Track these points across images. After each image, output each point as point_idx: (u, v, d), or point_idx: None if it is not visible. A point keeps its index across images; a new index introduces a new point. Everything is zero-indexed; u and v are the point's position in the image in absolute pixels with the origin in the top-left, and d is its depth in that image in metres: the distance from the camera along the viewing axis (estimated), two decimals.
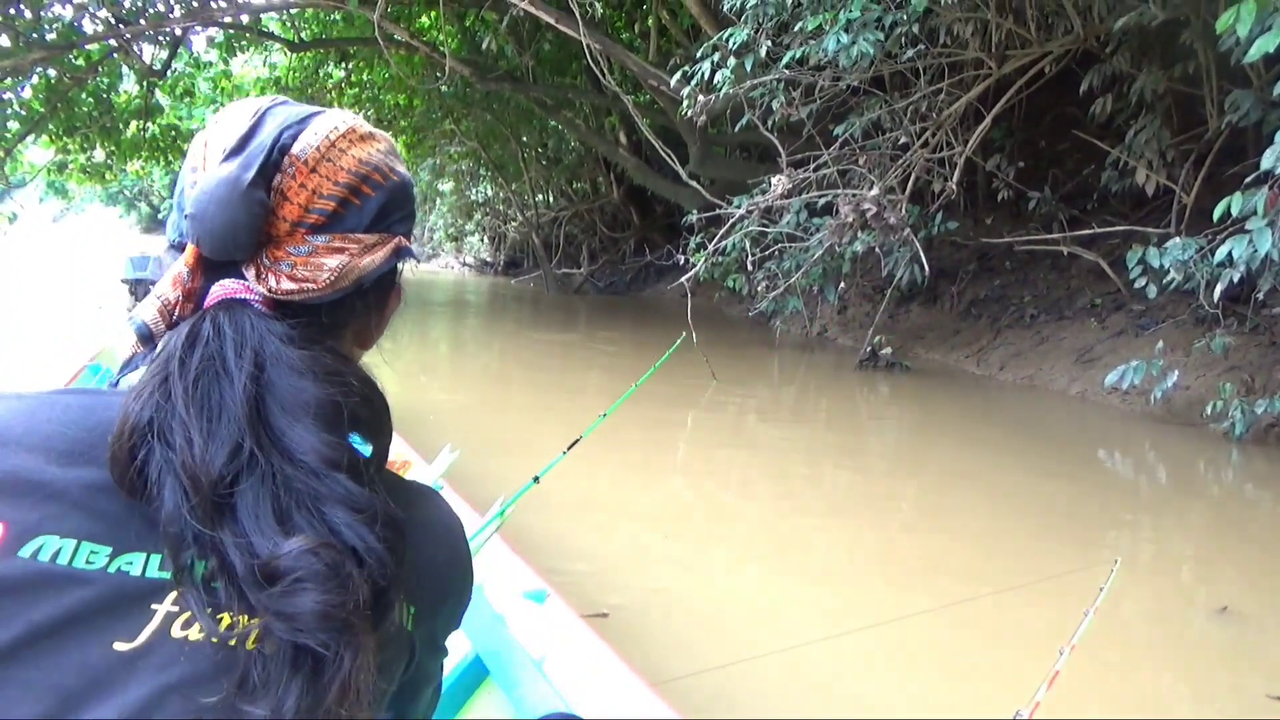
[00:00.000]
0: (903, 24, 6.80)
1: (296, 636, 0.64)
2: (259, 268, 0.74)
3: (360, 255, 0.77)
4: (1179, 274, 5.78)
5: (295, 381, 0.70)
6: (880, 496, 4.70)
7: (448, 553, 0.82)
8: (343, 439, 0.71)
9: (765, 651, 2.65)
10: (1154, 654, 2.94)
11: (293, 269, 0.74)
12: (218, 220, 0.71)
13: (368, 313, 0.84)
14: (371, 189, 0.79)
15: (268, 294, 0.74)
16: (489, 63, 13.21)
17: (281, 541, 0.65)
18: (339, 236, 0.76)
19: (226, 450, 0.67)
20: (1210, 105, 7.31)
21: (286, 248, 0.74)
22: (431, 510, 0.83)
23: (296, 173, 0.75)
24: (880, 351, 8.40)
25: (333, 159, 0.76)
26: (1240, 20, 4.52)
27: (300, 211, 0.75)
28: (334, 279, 0.75)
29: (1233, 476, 5.40)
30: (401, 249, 0.81)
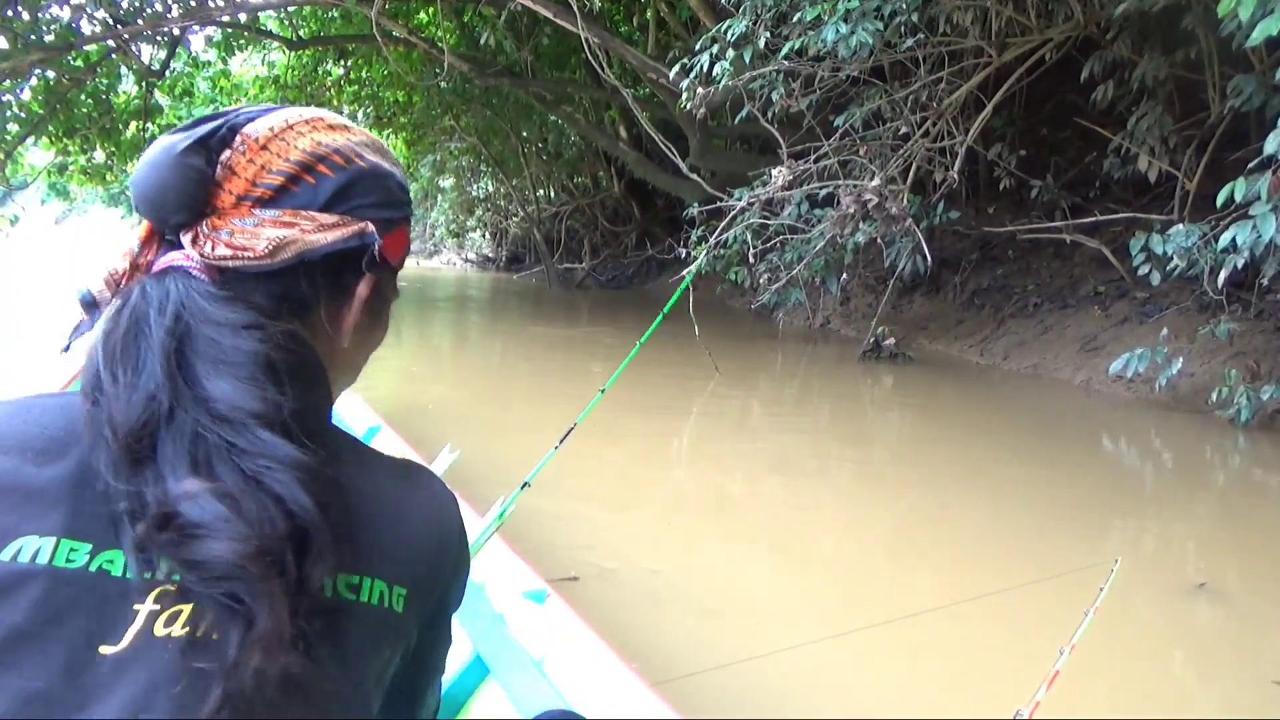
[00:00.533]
0: (902, 13, 6.76)
1: (205, 588, 0.62)
2: (197, 235, 0.73)
3: (311, 232, 0.75)
4: (1182, 260, 5.75)
5: (214, 334, 0.69)
6: (884, 489, 4.68)
7: (438, 530, 0.79)
8: (269, 393, 0.68)
9: (765, 651, 2.64)
10: (1157, 648, 2.93)
11: (230, 236, 0.73)
12: (148, 180, 0.73)
13: (321, 296, 0.80)
14: (329, 169, 0.78)
15: (202, 259, 0.73)
16: (488, 58, 13.19)
17: (193, 484, 0.63)
18: (289, 212, 0.75)
19: (142, 401, 0.66)
20: (1212, 90, 7.27)
21: (231, 219, 0.74)
22: (420, 487, 0.81)
23: (247, 149, 0.75)
24: (883, 342, 8.38)
25: (286, 139, 0.77)
26: (1242, 4, 4.49)
27: (247, 185, 0.75)
28: (272, 248, 0.73)
29: (1239, 463, 5.37)
30: (367, 234, 0.79)
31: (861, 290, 10.62)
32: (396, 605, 0.73)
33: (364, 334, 0.86)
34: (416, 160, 22.70)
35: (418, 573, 0.75)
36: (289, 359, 0.71)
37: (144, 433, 0.66)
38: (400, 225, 0.84)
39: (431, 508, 0.80)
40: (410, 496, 0.78)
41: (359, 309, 0.83)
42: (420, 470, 0.83)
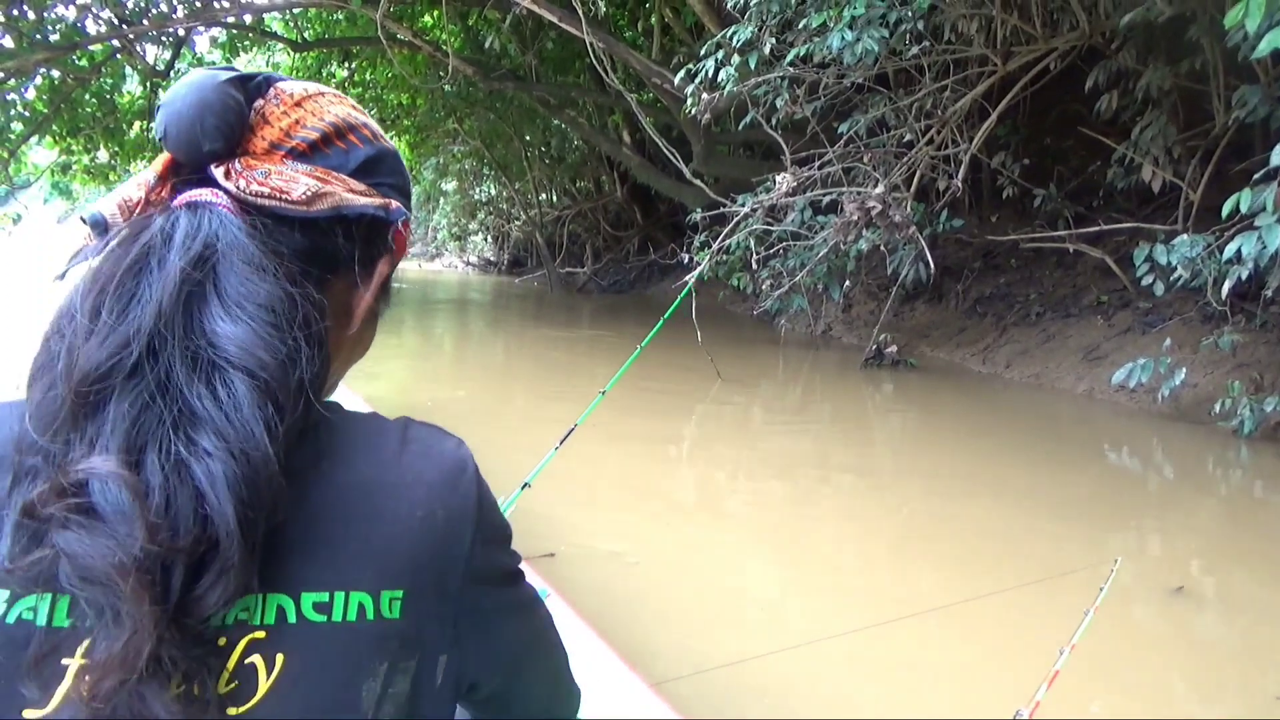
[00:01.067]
0: (907, 21, 6.76)
1: (73, 585, 0.54)
2: (229, 170, 0.68)
3: (345, 191, 0.71)
4: (1186, 271, 5.74)
5: (248, 273, 0.63)
6: (885, 495, 4.67)
7: (443, 501, 0.67)
8: (284, 349, 0.62)
9: (766, 651, 2.62)
10: (1156, 652, 2.91)
11: (266, 176, 0.68)
12: (188, 101, 0.68)
13: (346, 259, 0.74)
14: (359, 140, 0.75)
15: (237, 193, 0.67)
16: (492, 62, 13.21)
17: (110, 463, 0.55)
18: (320, 170, 0.71)
19: (115, 345, 0.59)
20: (1217, 101, 7.26)
21: (264, 163, 0.70)
22: (420, 455, 0.69)
23: (281, 101, 0.73)
24: (885, 350, 8.37)
25: (319, 103, 0.74)
26: (1249, 15, 4.48)
27: (281, 134, 0.71)
28: (310, 195, 0.68)
29: (1241, 475, 5.35)
30: (392, 209, 0.75)
31: (864, 297, 10.61)
32: (389, 612, 0.63)
33: (367, 326, 0.80)
34: (419, 163, 22.73)
35: (419, 563, 0.65)
36: (312, 321, 0.66)
37: (101, 383, 0.58)
38: (407, 219, 0.80)
39: (434, 476, 0.68)
40: (407, 472, 0.67)
41: (376, 289, 0.78)
42: (421, 435, 0.71)
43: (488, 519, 0.71)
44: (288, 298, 0.64)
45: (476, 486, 0.71)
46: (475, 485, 0.70)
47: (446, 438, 0.72)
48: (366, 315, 0.78)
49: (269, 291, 0.63)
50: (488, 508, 0.71)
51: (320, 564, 0.61)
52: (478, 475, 0.71)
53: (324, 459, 0.65)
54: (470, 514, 0.69)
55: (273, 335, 0.62)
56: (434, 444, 0.71)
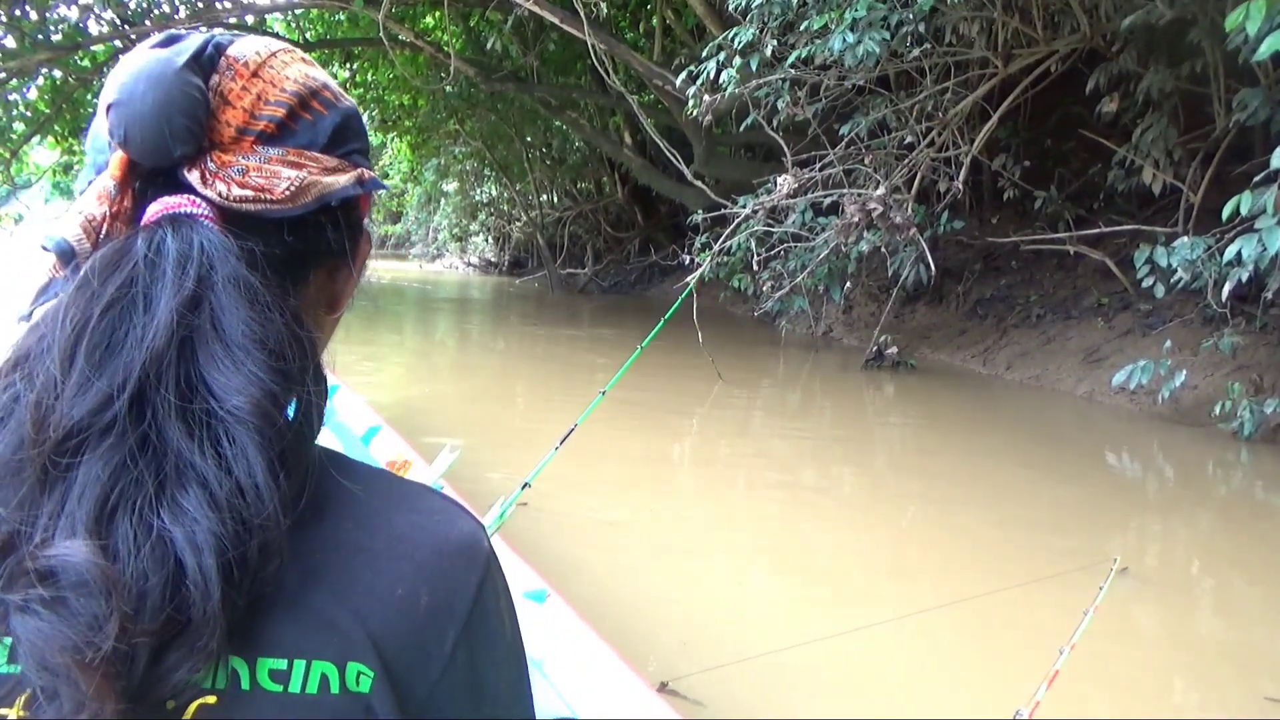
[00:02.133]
0: (909, 23, 6.77)
1: (30, 672, 0.48)
2: (204, 172, 0.60)
3: (322, 173, 0.64)
4: (1187, 273, 5.74)
5: (249, 313, 0.56)
6: (885, 496, 4.67)
7: (405, 590, 0.57)
8: (296, 395, 0.57)
9: (766, 651, 2.63)
10: (1159, 654, 2.91)
11: (244, 175, 0.61)
12: (149, 99, 0.58)
13: (338, 251, 0.68)
14: (323, 106, 0.67)
15: (219, 200, 0.60)
16: (494, 63, 13.23)
17: (78, 545, 0.49)
18: (293, 151, 0.63)
19: (92, 403, 0.52)
20: (1218, 104, 7.27)
21: (235, 155, 0.61)
22: (421, 517, 0.61)
23: (236, 74, 0.63)
24: (886, 351, 8.37)
25: (275, 68, 0.65)
26: (1250, 18, 4.49)
27: (246, 117, 0.63)
28: (294, 190, 0.61)
29: (1241, 476, 5.36)
30: (367, 181, 0.68)
31: (864, 299, 10.61)
32: (356, 685, 0.54)
33: (347, 303, 0.73)
34: (421, 164, 22.75)
35: (391, 647, 0.56)
36: (314, 354, 0.60)
37: (76, 441, 0.51)
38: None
39: (428, 554, 0.59)
40: (397, 542, 0.59)
41: (362, 267, 0.72)
42: (432, 505, 0.63)
43: (485, 624, 0.60)
44: (291, 334, 0.58)
45: (480, 581, 0.60)
46: (479, 579, 0.60)
47: (462, 516, 0.63)
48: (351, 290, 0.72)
49: (274, 331, 0.57)
50: (489, 612, 0.60)
51: (282, 627, 0.54)
52: (489, 568, 0.61)
53: (307, 511, 0.56)
54: (461, 610, 0.59)
55: (281, 384, 0.56)
56: (441, 518, 0.61)
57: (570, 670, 1.74)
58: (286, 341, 0.57)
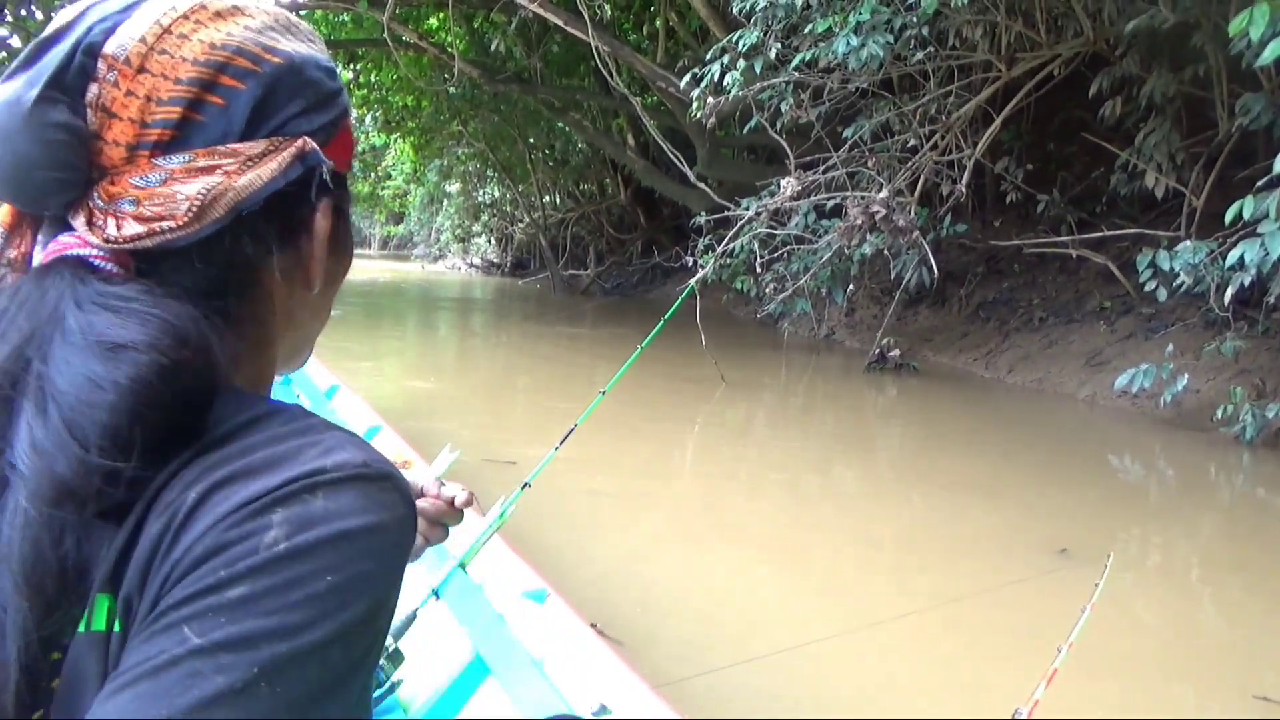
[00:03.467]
0: (912, 26, 6.78)
1: None
2: (91, 212, 0.55)
3: (238, 173, 0.56)
4: (1189, 277, 5.74)
5: (81, 380, 0.50)
6: (887, 499, 4.68)
7: (207, 528, 0.49)
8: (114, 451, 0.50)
9: (766, 652, 2.63)
10: (1157, 654, 2.92)
11: (138, 206, 0.54)
12: (4, 157, 0.53)
13: (273, 250, 0.61)
14: (236, 79, 0.57)
15: (106, 245, 0.54)
16: (497, 64, 13.24)
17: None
18: (201, 152, 0.56)
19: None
20: (1221, 108, 7.27)
21: (129, 180, 0.55)
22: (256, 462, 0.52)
23: (119, 78, 0.55)
24: (888, 354, 8.38)
25: (168, 50, 0.56)
26: (1253, 23, 4.49)
27: (136, 129, 0.55)
28: (198, 209, 0.54)
29: (1243, 480, 5.36)
30: (307, 153, 0.59)
31: (867, 301, 10.61)
32: (102, 622, 0.51)
33: (333, 269, 0.66)
34: (424, 165, 22.77)
35: (134, 575, 0.50)
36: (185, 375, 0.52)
37: None
38: (341, 123, 0.64)
39: (239, 501, 0.50)
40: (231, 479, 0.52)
41: (323, 247, 0.63)
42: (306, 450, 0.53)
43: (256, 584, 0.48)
44: (135, 372, 0.50)
45: (274, 540, 0.48)
46: (269, 538, 0.48)
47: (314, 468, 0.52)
48: (329, 262, 0.65)
49: (103, 413, 0.50)
50: (271, 588, 0.48)
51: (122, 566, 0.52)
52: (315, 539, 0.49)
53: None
54: (241, 567, 0.48)
55: (81, 439, 0.49)
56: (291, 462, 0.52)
57: (570, 670, 1.74)
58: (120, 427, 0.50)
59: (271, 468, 0.51)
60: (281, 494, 0.50)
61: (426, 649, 1.84)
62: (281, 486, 0.50)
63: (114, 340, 0.51)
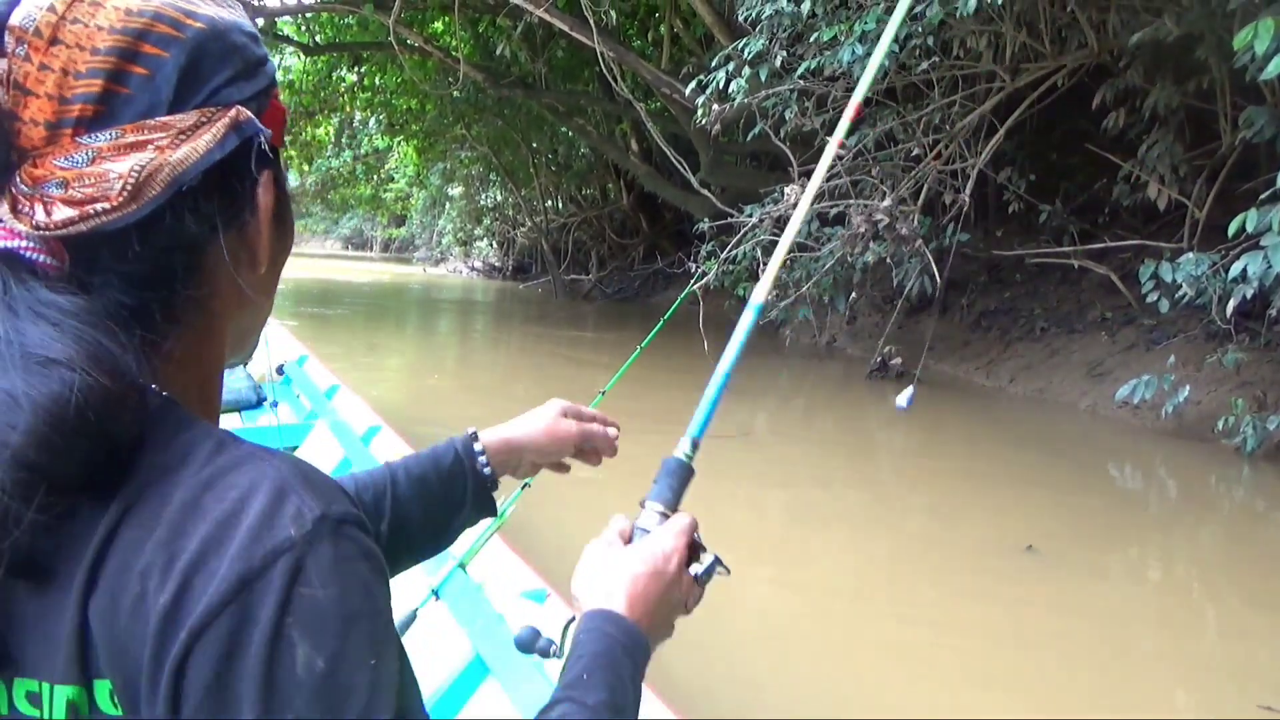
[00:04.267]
0: (917, 36, 6.79)
1: None
2: (15, 199, 0.51)
3: (171, 147, 0.52)
4: (1191, 289, 5.75)
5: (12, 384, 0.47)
6: (887, 508, 4.67)
7: (163, 572, 0.47)
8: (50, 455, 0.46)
9: (765, 654, 2.63)
10: (1157, 665, 2.91)
11: (66, 189, 0.50)
12: None
13: (228, 220, 0.57)
14: (159, 47, 0.53)
15: (36, 233, 0.50)
16: (502, 68, 13.26)
17: None
18: (130, 127, 0.51)
19: None
20: (1224, 121, 7.28)
21: (53, 161, 0.51)
22: (190, 500, 0.49)
23: (30, 51, 0.51)
24: (890, 362, 8.37)
25: (80, 18, 0.51)
26: (1258, 37, 4.50)
27: (55, 106, 0.51)
28: (134, 187, 0.50)
29: (1244, 492, 5.36)
30: (242, 123, 0.55)
31: (869, 309, 10.61)
32: (113, 707, 0.48)
33: (277, 247, 0.62)
34: (426, 168, 22.80)
35: (131, 648, 0.47)
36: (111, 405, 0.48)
37: None
38: (271, 92, 0.60)
39: (196, 539, 0.47)
40: (173, 521, 0.48)
41: (269, 222, 0.60)
42: (239, 475, 0.50)
43: (242, 636, 0.46)
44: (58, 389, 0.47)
45: (246, 577, 0.46)
46: (242, 574, 0.46)
47: (263, 495, 0.49)
48: (273, 238, 0.61)
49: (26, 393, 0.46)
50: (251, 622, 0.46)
51: (34, 644, 0.49)
52: (275, 567, 0.47)
53: (91, 504, 0.49)
54: (198, 612, 0.46)
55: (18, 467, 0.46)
56: (236, 495, 0.49)
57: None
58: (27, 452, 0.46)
59: (234, 533, 0.47)
60: (271, 586, 0.46)
61: (426, 649, 1.84)
62: (264, 570, 0.46)
63: (45, 355, 0.47)
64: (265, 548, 0.47)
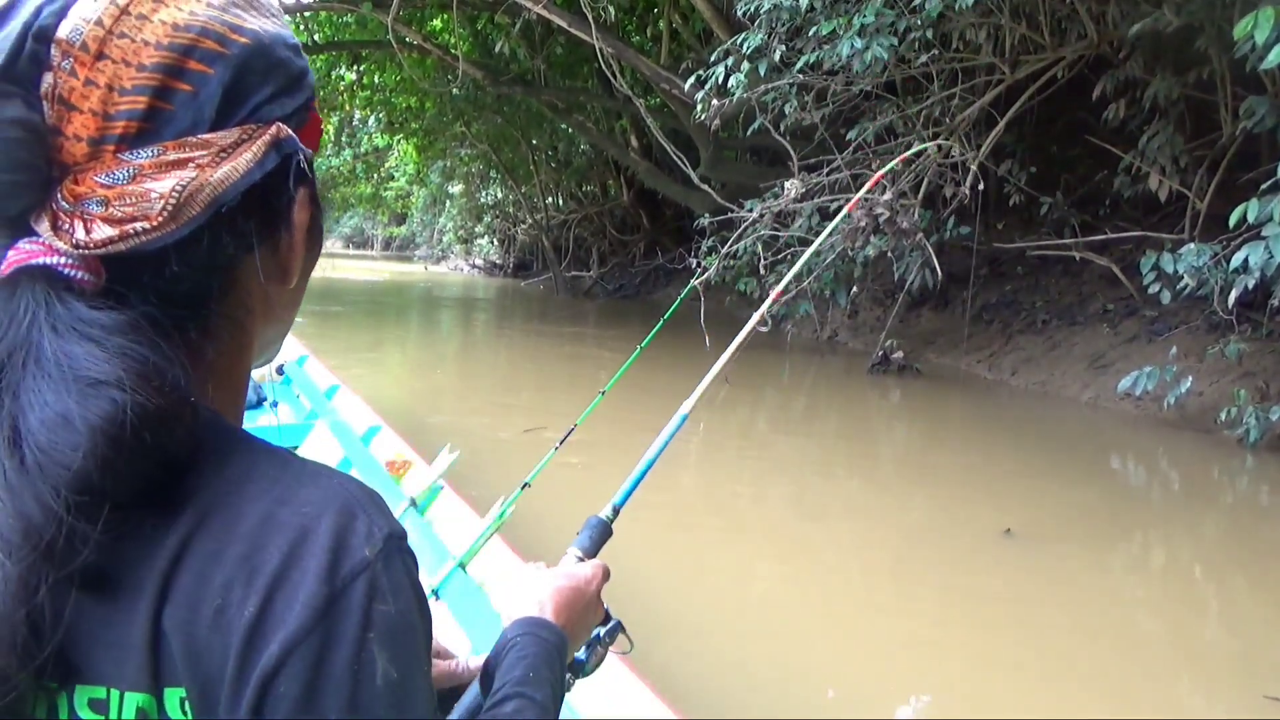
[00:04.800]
0: (916, 29, 6.77)
1: None
2: (55, 216, 0.50)
3: (212, 165, 0.52)
4: (1193, 280, 5.74)
5: (48, 400, 0.47)
6: (890, 501, 4.67)
7: (245, 585, 0.48)
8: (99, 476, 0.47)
9: (767, 652, 2.63)
10: (1161, 655, 2.91)
11: (106, 207, 0.50)
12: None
13: (264, 237, 0.57)
14: (204, 64, 0.52)
15: (75, 251, 0.49)
16: (501, 66, 13.26)
17: None
18: (171, 145, 0.51)
19: None
20: (1224, 111, 7.26)
21: (94, 178, 0.50)
22: (265, 515, 0.50)
23: (76, 65, 0.50)
24: (892, 356, 8.37)
25: (128, 33, 0.50)
26: (1258, 27, 4.49)
27: (99, 122, 0.50)
28: (174, 207, 0.50)
29: (1247, 483, 5.35)
30: (283, 140, 0.55)
31: (870, 303, 10.60)
32: (177, 713, 0.49)
33: (308, 260, 0.62)
34: (426, 166, 22.79)
35: (210, 657, 0.48)
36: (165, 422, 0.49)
37: None
38: (311, 105, 0.60)
39: (276, 552, 0.49)
40: (249, 534, 0.49)
41: (303, 240, 0.60)
42: (310, 490, 0.52)
43: (332, 649, 0.48)
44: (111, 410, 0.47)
45: (335, 594, 0.48)
46: (332, 590, 0.48)
47: (337, 513, 0.51)
48: (307, 254, 0.61)
49: (82, 416, 0.47)
50: (342, 636, 0.48)
51: (101, 651, 0.49)
52: (358, 583, 0.49)
53: (158, 513, 0.50)
54: (293, 625, 0.47)
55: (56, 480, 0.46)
56: (310, 511, 0.50)
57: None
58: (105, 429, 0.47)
59: (312, 549, 0.49)
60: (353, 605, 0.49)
61: None
62: (345, 590, 0.49)
63: (93, 376, 0.47)
64: (345, 568, 0.49)
